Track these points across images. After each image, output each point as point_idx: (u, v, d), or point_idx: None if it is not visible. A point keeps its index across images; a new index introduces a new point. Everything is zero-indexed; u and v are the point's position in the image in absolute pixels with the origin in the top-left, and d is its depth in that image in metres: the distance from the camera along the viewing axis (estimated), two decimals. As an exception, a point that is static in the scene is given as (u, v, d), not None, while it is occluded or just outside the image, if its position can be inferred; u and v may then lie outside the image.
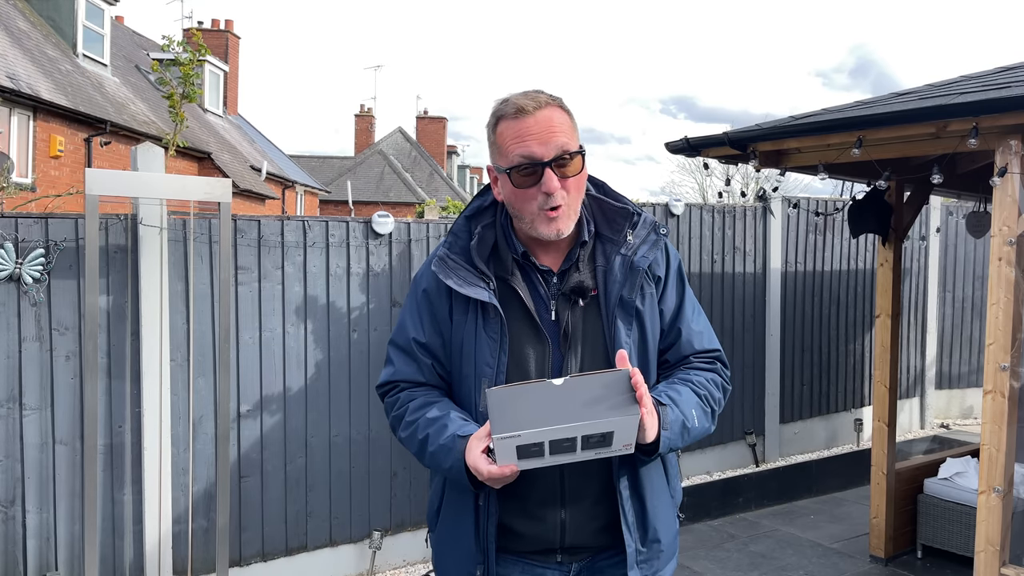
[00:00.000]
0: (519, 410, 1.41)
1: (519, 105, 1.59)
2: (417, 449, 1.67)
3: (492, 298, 1.63)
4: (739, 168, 7.51)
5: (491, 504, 1.64)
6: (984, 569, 3.23)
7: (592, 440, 1.44)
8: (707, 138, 4.00)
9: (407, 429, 1.69)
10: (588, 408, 1.41)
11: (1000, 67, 3.92)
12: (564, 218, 1.62)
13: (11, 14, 13.50)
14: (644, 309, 1.70)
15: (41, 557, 3.44)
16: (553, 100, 1.63)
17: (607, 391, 1.42)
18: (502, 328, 1.63)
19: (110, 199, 3.47)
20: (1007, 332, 3.14)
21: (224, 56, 22.57)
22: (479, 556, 1.67)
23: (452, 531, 1.73)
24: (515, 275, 1.68)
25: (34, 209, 4.15)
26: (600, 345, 1.66)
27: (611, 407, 1.42)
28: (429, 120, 35.61)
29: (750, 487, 5.34)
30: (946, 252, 7.17)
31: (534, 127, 1.58)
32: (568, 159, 1.59)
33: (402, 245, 4.31)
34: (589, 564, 1.73)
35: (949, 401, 7.34)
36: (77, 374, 3.46)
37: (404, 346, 1.76)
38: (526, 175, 1.59)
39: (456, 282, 1.65)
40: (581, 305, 1.67)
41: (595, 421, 1.41)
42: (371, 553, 4.23)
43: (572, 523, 1.66)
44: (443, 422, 1.62)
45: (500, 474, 1.47)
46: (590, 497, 1.66)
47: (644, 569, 1.70)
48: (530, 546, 1.69)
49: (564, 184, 1.60)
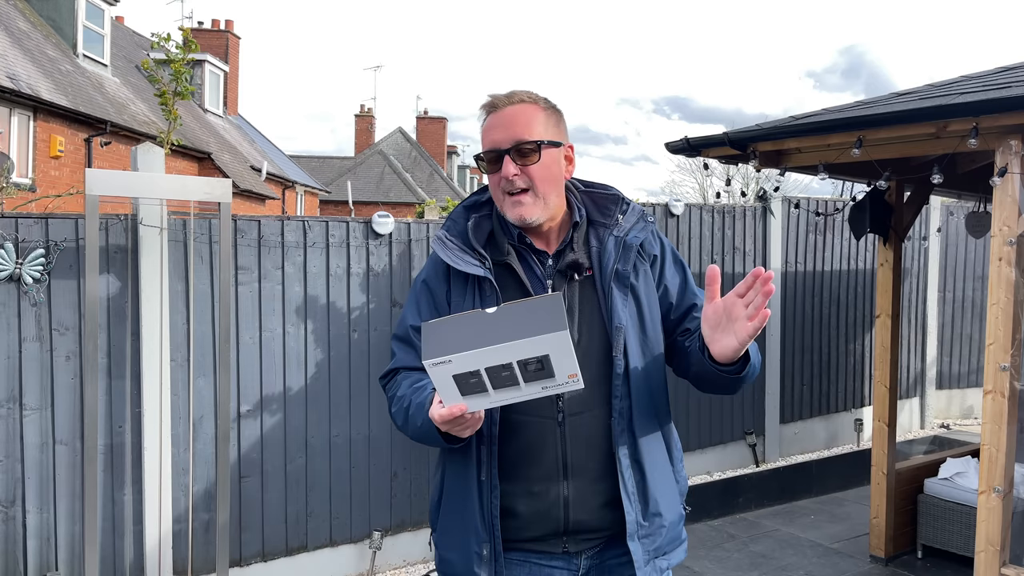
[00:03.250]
0: (450, 337, 1.39)
1: (494, 101, 1.74)
2: (403, 419, 1.70)
3: (488, 273, 1.70)
4: (739, 168, 7.51)
5: (493, 477, 1.66)
6: (984, 569, 3.23)
7: (530, 367, 1.41)
8: (707, 138, 4.00)
9: (397, 403, 1.73)
10: (519, 328, 1.38)
11: (1000, 67, 3.92)
12: (528, 206, 1.70)
13: (11, 14, 13.50)
14: (639, 285, 1.75)
15: (41, 557, 3.44)
16: (530, 98, 1.75)
17: (539, 313, 1.40)
18: (498, 303, 1.66)
19: (110, 199, 3.47)
20: (1007, 332, 3.14)
21: (224, 56, 22.57)
22: (485, 535, 1.67)
23: (455, 517, 1.74)
24: (511, 254, 1.75)
25: (34, 209, 4.15)
26: (597, 320, 1.71)
27: (542, 324, 1.38)
28: (429, 120, 35.62)
29: (750, 487, 5.34)
30: (946, 252, 7.16)
31: (501, 119, 1.71)
32: (529, 148, 1.69)
33: (402, 245, 4.31)
34: (598, 561, 1.73)
35: (949, 401, 7.34)
36: (77, 374, 3.47)
37: (404, 336, 1.81)
38: (490, 161, 1.72)
39: (453, 259, 1.72)
40: (577, 280, 1.73)
41: (524, 339, 1.37)
42: (371, 553, 4.23)
43: (575, 498, 1.67)
44: (424, 386, 1.66)
45: (449, 415, 1.45)
46: (592, 471, 1.68)
47: (646, 544, 1.70)
48: (534, 530, 1.69)
49: (524, 171, 1.69)
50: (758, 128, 3.87)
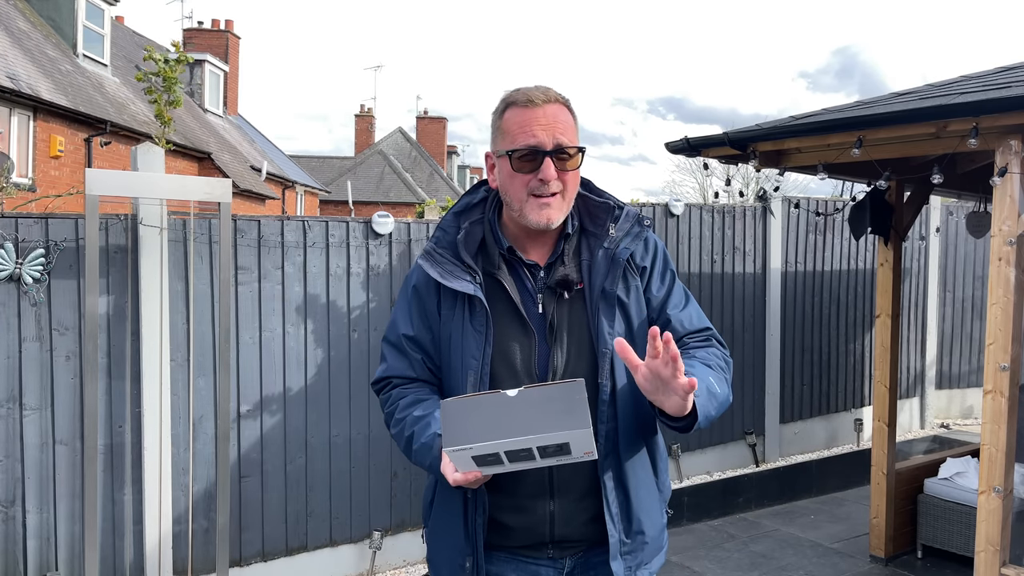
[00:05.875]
0: (471, 422, 1.39)
1: (530, 96, 1.66)
2: (404, 446, 1.72)
3: (477, 291, 1.66)
4: (739, 168, 7.51)
5: (479, 496, 1.67)
6: (984, 569, 3.23)
7: (549, 450, 1.43)
8: (707, 138, 4.00)
9: (396, 426, 1.74)
10: (541, 420, 1.38)
11: (1000, 67, 3.92)
12: (555, 208, 1.66)
13: (11, 14, 13.50)
14: (629, 301, 1.72)
15: (41, 557, 3.44)
16: (561, 98, 1.69)
17: (561, 402, 1.38)
18: (487, 321, 1.65)
19: (110, 199, 3.47)
20: (1007, 332, 3.14)
21: (224, 56, 22.56)
22: (468, 548, 1.70)
23: (443, 524, 1.77)
24: (502, 269, 1.71)
25: (34, 209, 4.15)
26: (585, 337, 1.68)
27: (564, 418, 1.37)
28: (429, 120, 35.61)
29: (750, 487, 5.35)
30: (946, 252, 7.16)
31: (541, 118, 1.64)
32: (569, 154, 1.65)
33: (402, 245, 4.31)
34: (583, 561, 1.74)
35: (949, 401, 7.34)
36: (77, 374, 3.47)
37: (395, 342, 1.79)
38: (526, 160, 1.64)
39: (442, 275, 1.69)
40: (567, 298, 1.70)
41: (547, 434, 1.38)
42: (371, 553, 4.23)
43: (561, 515, 1.68)
44: (427, 420, 1.65)
45: (464, 481, 1.48)
46: (578, 490, 1.68)
47: (628, 560, 1.72)
48: (520, 540, 1.71)
49: (561, 176, 1.65)
50: (758, 128, 3.87)
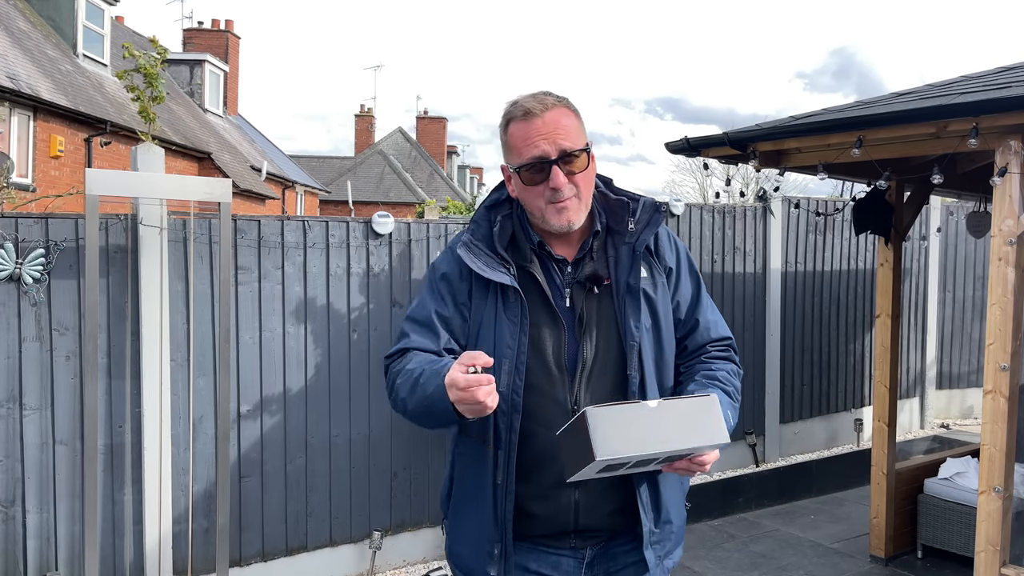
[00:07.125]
0: (617, 431, 1.44)
1: (527, 108, 1.68)
2: (408, 390, 1.64)
3: (514, 281, 1.69)
4: (739, 168, 7.51)
5: (508, 484, 1.68)
6: (984, 569, 3.23)
7: (674, 457, 1.52)
8: (707, 138, 4.00)
9: (405, 376, 1.67)
10: (680, 433, 1.47)
11: (1000, 67, 3.92)
12: (574, 210, 1.70)
13: (11, 14, 13.50)
14: (656, 296, 1.75)
15: (41, 557, 3.44)
16: (560, 101, 1.71)
17: (700, 417, 1.48)
18: (523, 311, 1.68)
19: (110, 199, 3.47)
20: (1007, 332, 3.14)
21: (224, 56, 22.56)
22: (496, 535, 1.71)
23: (469, 512, 1.77)
24: (534, 263, 1.74)
25: (34, 209, 4.16)
26: (613, 332, 1.72)
27: (701, 433, 1.48)
28: (429, 120, 35.61)
29: (750, 487, 5.34)
30: (946, 252, 7.16)
31: (542, 127, 1.66)
32: (574, 156, 1.67)
33: (402, 245, 4.31)
34: (603, 551, 1.76)
35: (949, 401, 7.34)
36: (77, 374, 3.47)
37: (424, 320, 1.76)
38: (535, 172, 1.67)
39: (480, 266, 1.71)
40: (596, 293, 1.73)
41: (690, 446, 1.48)
42: (371, 553, 4.23)
43: (585, 504, 1.71)
44: (443, 360, 1.63)
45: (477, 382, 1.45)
46: (603, 480, 1.68)
47: (657, 550, 1.76)
48: (544, 529, 1.73)
49: (572, 180, 1.68)
50: (758, 128, 3.87)
